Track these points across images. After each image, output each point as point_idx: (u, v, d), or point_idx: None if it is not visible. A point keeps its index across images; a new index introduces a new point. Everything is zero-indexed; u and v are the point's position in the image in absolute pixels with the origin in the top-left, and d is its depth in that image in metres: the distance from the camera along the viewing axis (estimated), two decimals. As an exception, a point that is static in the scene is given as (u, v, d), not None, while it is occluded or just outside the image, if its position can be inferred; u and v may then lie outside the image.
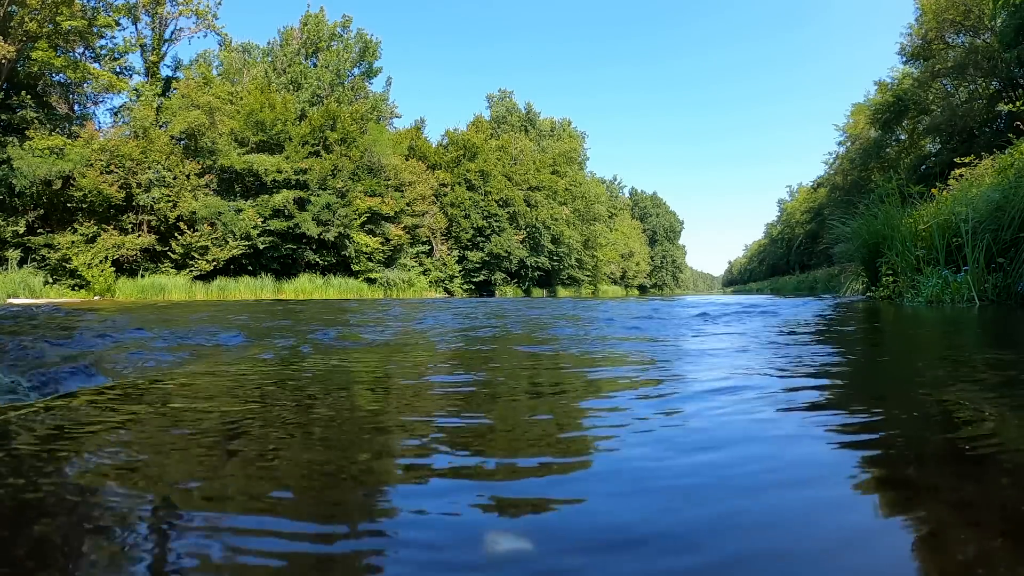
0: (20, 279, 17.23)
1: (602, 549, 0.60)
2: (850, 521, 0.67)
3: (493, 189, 37.53)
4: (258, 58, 32.49)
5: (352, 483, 0.82)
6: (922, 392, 1.48)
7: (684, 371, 1.84)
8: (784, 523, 0.66)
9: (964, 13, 23.55)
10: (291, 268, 25.46)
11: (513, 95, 54.55)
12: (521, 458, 0.93)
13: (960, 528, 0.65)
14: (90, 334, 2.94)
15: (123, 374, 1.78)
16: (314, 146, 27.01)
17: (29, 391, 1.42)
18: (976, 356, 2.28)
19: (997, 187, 6.60)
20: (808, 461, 0.89)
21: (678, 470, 0.84)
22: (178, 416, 1.23)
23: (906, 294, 7.20)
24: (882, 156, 30.66)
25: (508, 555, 0.59)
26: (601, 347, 2.65)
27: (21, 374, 1.59)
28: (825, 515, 0.69)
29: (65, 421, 1.17)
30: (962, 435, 1.05)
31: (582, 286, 48.57)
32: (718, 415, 1.19)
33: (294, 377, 1.82)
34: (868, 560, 0.58)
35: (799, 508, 0.70)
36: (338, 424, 1.17)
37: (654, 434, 1.04)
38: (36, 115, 20.12)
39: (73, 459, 0.92)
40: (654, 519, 0.67)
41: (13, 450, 0.97)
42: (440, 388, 1.63)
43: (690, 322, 4.14)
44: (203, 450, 0.98)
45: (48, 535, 0.64)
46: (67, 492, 0.77)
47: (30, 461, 0.91)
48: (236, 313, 6.38)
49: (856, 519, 0.67)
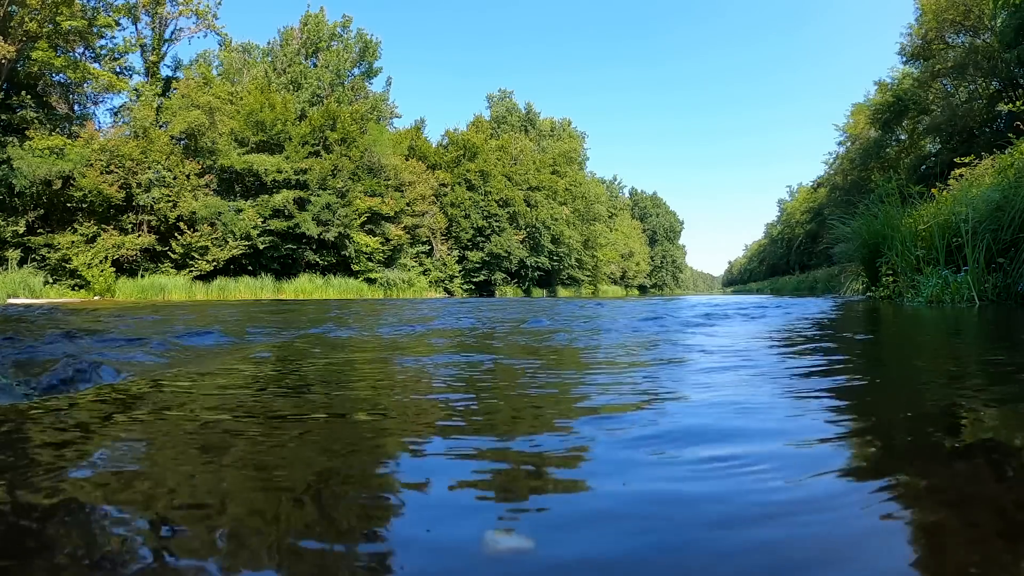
0: (20, 279, 17.23)
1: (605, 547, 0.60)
2: (849, 521, 0.67)
3: (493, 189, 37.53)
4: (258, 58, 32.49)
5: (352, 482, 0.82)
6: (921, 392, 1.48)
7: (686, 373, 1.84)
8: (782, 524, 0.66)
9: (964, 13, 23.56)
10: (291, 268, 25.46)
11: (513, 95, 54.61)
12: (521, 460, 0.93)
13: (960, 528, 0.65)
14: (89, 334, 2.94)
15: (123, 374, 1.78)
16: (314, 146, 27.01)
17: (28, 391, 1.42)
18: (976, 356, 2.28)
19: (997, 187, 6.60)
20: (807, 460, 0.89)
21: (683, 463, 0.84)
22: (178, 415, 1.23)
23: (906, 294, 7.20)
24: (882, 156, 30.67)
25: (508, 555, 0.59)
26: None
27: (19, 374, 1.59)
28: (824, 515, 0.69)
29: (64, 421, 1.17)
30: (962, 435, 1.05)
31: (582, 286, 48.58)
32: (718, 415, 1.18)
33: (294, 376, 1.82)
34: (867, 560, 0.58)
35: (798, 509, 0.70)
36: (338, 424, 1.17)
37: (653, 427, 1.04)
38: (36, 115, 20.13)
39: (72, 459, 0.91)
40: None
41: (12, 450, 0.96)
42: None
43: (693, 322, 4.14)
44: (203, 450, 0.98)
45: (47, 535, 0.64)
46: (67, 492, 0.77)
47: (29, 461, 0.91)
48: (236, 313, 6.37)
49: (855, 519, 0.67)
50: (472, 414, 1.26)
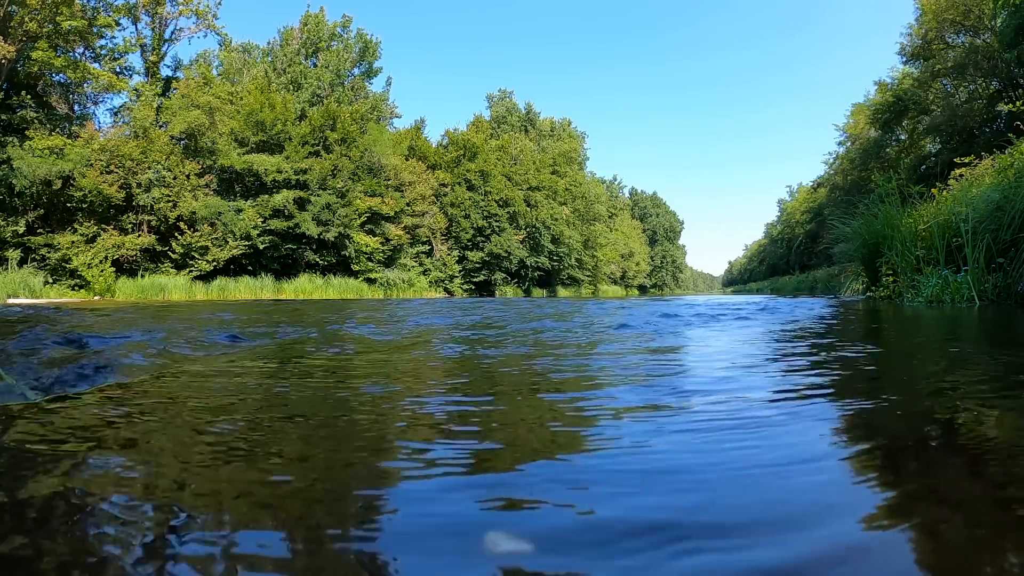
0: (20, 279, 17.24)
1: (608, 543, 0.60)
2: (848, 522, 0.67)
3: (493, 189, 37.54)
4: (258, 58, 32.50)
5: (352, 481, 0.82)
6: (921, 391, 1.48)
7: (687, 367, 1.85)
8: (781, 522, 0.66)
9: (964, 13, 23.57)
10: (291, 268, 25.47)
11: (513, 95, 54.63)
12: (524, 461, 0.93)
13: (960, 528, 0.65)
14: (90, 334, 2.94)
15: (124, 374, 1.78)
16: (314, 146, 27.02)
17: (29, 390, 1.42)
18: (976, 356, 2.28)
19: (997, 187, 6.60)
20: (806, 460, 0.89)
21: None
22: (178, 415, 1.23)
23: (906, 294, 7.20)
24: (882, 156, 30.68)
25: (509, 556, 0.59)
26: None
27: (21, 373, 1.59)
28: (823, 515, 0.69)
29: (65, 421, 1.17)
30: (962, 435, 1.05)
31: (582, 286, 48.59)
32: (718, 414, 1.19)
33: (294, 376, 1.82)
34: (868, 560, 0.58)
35: (798, 507, 0.70)
36: (339, 423, 1.17)
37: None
38: (36, 115, 20.14)
39: (74, 459, 0.92)
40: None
41: (13, 450, 0.97)
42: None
43: (693, 321, 4.15)
44: (203, 450, 0.98)
45: (48, 535, 0.64)
46: (67, 492, 0.77)
47: (29, 461, 0.91)
48: (236, 313, 6.38)
49: (854, 519, 0.67)
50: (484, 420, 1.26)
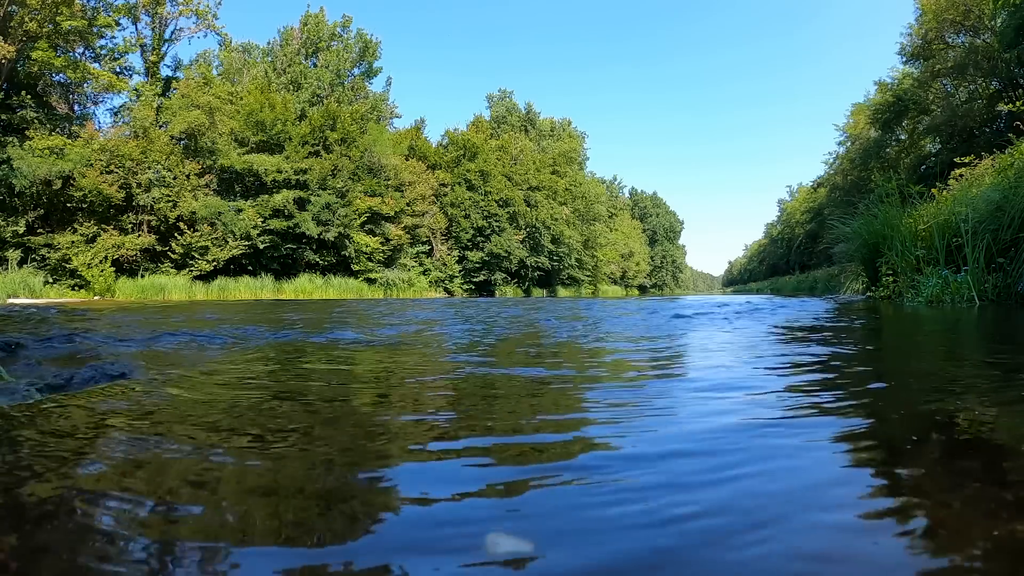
0: (20, 279, 17.23)
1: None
2: (847, 521, 0.67)
3: (493, 189, 37.52)
4: (258, 58, 32.50)
5: (352, 480, 0.82)
6: (921, 391, 1.48)
7: (686, 366, 1.85)
8: (780, 522, 0.66)
9: (964, 13, 23.55)
10: (291, 268, 25.47)
11: (513, 95, 54.59)
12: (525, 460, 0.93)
13: (959, 527, 0.65)
14: (90, 334, 2.95)
15: (125, 374, 1.78)
16: (314, 146, 27.02)
17: (31, 390, 1.42)
18: (975, 356, 2.28)
19: (997, 187, 6.60)
20: (805, 458, 0.89)
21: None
22: (178, 415, 1.23)
23: (906, 294, 7.20)
24: (882, 156, 30.65)
25: (509, 556, 0.59)
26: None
27: (22, 374, 1.59)
28: (822, 516, 0.69)
29: (65, 421, 1.17)
30: (962, 434, 1.05)
31: (582, 286, 48.57)
32: (718, 414, 1.19)
33: (296, 375, 1.82)
34: (868, 561, 0.58)
35: (796, 508, 0.70)
36: (340, 422, 1.17)
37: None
38: (36, 115, 20.13)
39: (73, 459, 0.92)
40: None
41: (14, 450, 0.97)
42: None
43: (694, 321, 4.15)
44: (203, 450, 0.98)
45: (48, 535, 0.64)
46: (67, 492, 0.77)
47: (30, 461, 0.91)
48: (236, 312, 6.38)
49: (853, 519, 0.67)
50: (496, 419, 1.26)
